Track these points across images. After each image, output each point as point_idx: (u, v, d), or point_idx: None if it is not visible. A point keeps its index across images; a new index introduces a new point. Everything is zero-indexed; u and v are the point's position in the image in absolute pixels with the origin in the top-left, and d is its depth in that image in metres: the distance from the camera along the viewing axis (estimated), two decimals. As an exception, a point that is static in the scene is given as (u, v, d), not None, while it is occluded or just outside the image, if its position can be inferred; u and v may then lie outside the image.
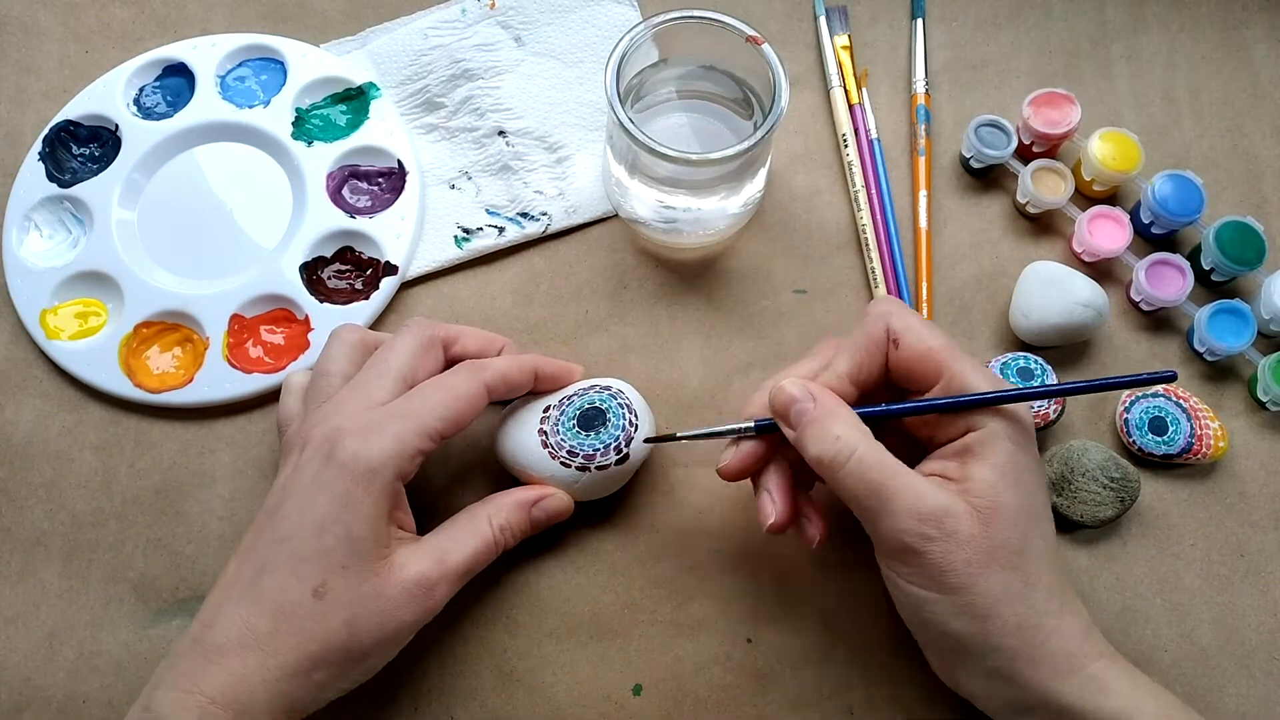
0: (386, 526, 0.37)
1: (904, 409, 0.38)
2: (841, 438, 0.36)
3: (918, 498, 0.35)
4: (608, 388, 0.44)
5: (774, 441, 0.39)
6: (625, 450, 0.42)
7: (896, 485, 0.35)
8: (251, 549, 0.37)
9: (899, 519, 0.35)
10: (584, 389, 0.44)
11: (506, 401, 0.45)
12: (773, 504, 0.39)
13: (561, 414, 0.43)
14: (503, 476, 0.45)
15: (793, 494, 0.39)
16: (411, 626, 0.38)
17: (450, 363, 0.43)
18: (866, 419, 0.38)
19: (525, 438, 0.43)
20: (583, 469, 0.42)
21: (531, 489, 0.42)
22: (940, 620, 0.35)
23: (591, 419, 0.43)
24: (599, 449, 0.42)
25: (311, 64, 0.53)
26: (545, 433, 0.42)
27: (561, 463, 0.42)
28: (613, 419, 0.43)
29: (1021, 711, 0.36)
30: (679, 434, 0.41)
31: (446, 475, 0.46)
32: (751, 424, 0.39)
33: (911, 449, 0.39)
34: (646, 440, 0.42)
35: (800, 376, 0.39)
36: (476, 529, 0.40)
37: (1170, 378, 0.37)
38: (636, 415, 0.43)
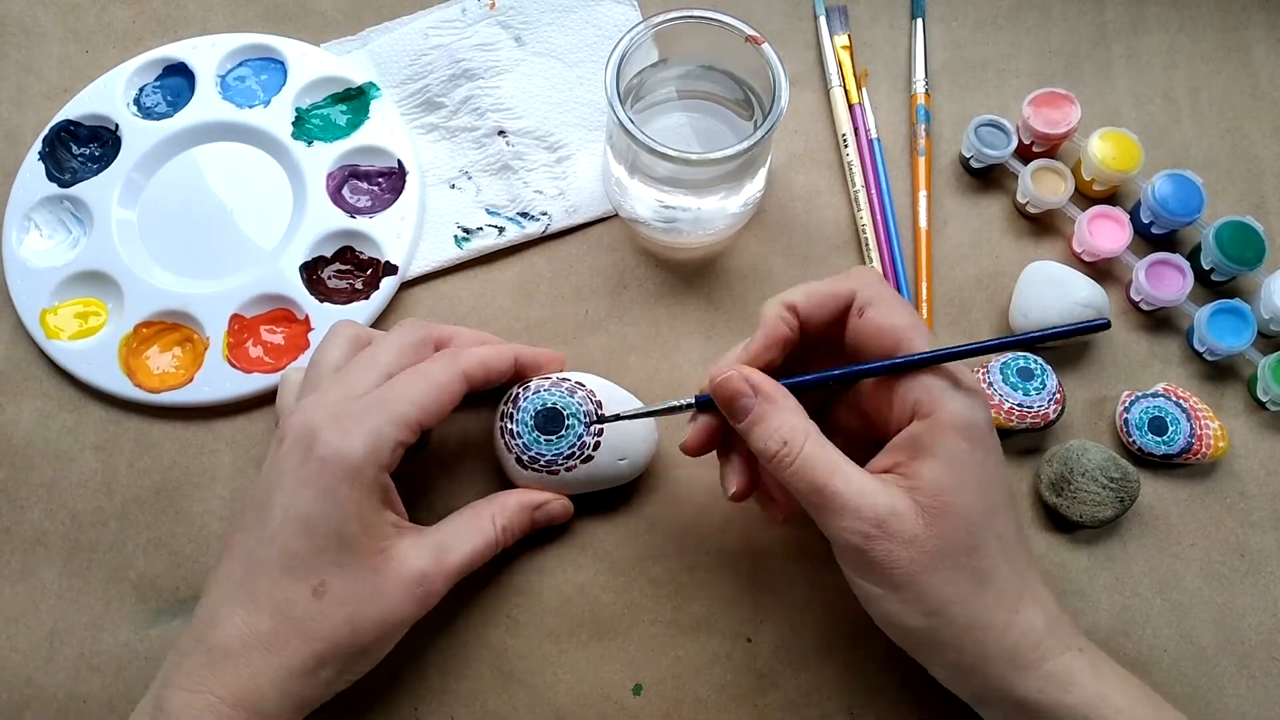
0: (379, 519, 0.37)
1: (833, 375, 0.37)
2: (788, 441, 0.35)
3: (860, 496, 0.34)
4: (565, 380, 0.44)
5: None
6: (589, 453, 0.42)
7: (838, 484, 0.35)
8: (241, 545, 0.37)
9: (842, 518, 0.34)
10: (543, 385, 0.43)
11: (500, 394, 0.44)
12: (734, 474, 0.39)
13: (520, 414, 0.43)
14: (493, 468, 0.45)
15: (754, 465, 0.39)
16: (410, 619, 0.38)
17: None
18: (803, 387, 0.37)
19: (498, 440, 0.43)
20: (552, 473, 0.42)
21: (535, 493, 0.43)
22: (893, 615, 0.35)
23: (549, 420, 0.42)
24: (560, 454, 0.42)
25: (311, 64, 0.53)
26: (506, 435, 0.43)
27: (526, 467, 0.42)
28: (570, 421, 0.42)
29: (986, 704, 0.36)
30: (622, 414, 0.41)
31: (443, 461, 0.46)
32: (692, 400, 0.39)
33: (869, 440, 0.38)
34: (594, 422, 0.42)
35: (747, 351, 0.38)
36: (480, 527, 0.41)
37: (1105, 325, 0.36)
38: (599, 408, 0.43)
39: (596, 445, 0.42)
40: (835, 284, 0.38)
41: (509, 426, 0.43)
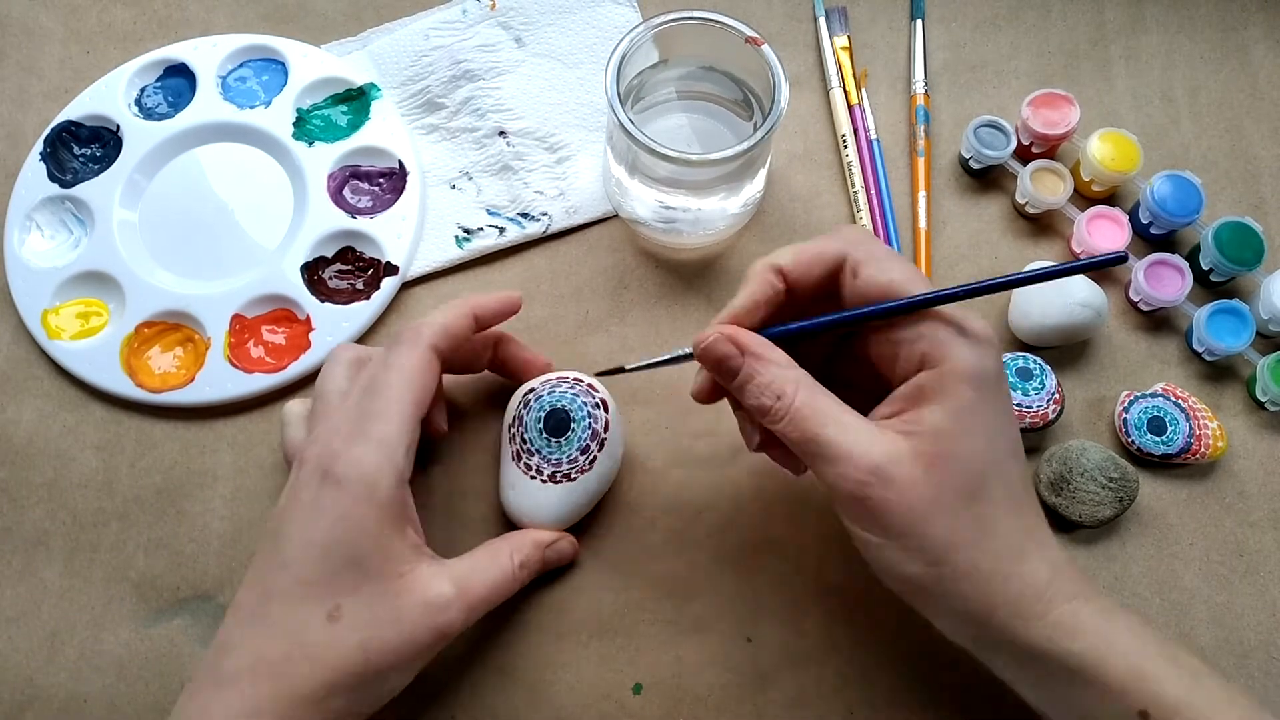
0: (398, 542, 0.37)
1: (820, 323, 0.36)
2: (782, 395, 0.35)
3: (855, 444, 0.34)
4: (575, 382, 0.44)
5: None
6: (602, 441, 0.43)
7: (830, 434, 0.34)
8: (256, 575, 0.36)
9: (837, 466, 0.34)
10: (524, 401, 0.44)
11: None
12: (751, 427, 0.38)
13: (529, 440, 0.43)
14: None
15: None
16: (428, 649, 0.37)
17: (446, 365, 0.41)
18: (790, 336, 0.36)
19: (522, 486, 0.43)
20: (583, 471, 0.42)
21: (548, 533, 0.43)
22: (894, 564, 0.35)
23: (558, 423, 0.43)
24: (571, 454, 0.42)
25: (312, 64, 0.53)
26: (537, 468, 0.43)
27: (553, 479, 0.42)
28: (578, 418, 0.43)
29: (989, 651, 0.36)
30: (626, 366, 0.41)
31: (448, 494, 0.46)
32: (690, 349, 0.38)
33: (875, 393, 0.37)
34: (597, 374, 0.43)
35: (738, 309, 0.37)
36: (499, 563, 0.40)
37: (1122, 259, 0.35)
38: (607, 409, 0.43)
39: (602, 445, 0.43)
40: (823, 245, 0.37)
41: (523, 447, 0.43)
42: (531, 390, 0.44)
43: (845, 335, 0.39)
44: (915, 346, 0.35)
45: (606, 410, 0.43)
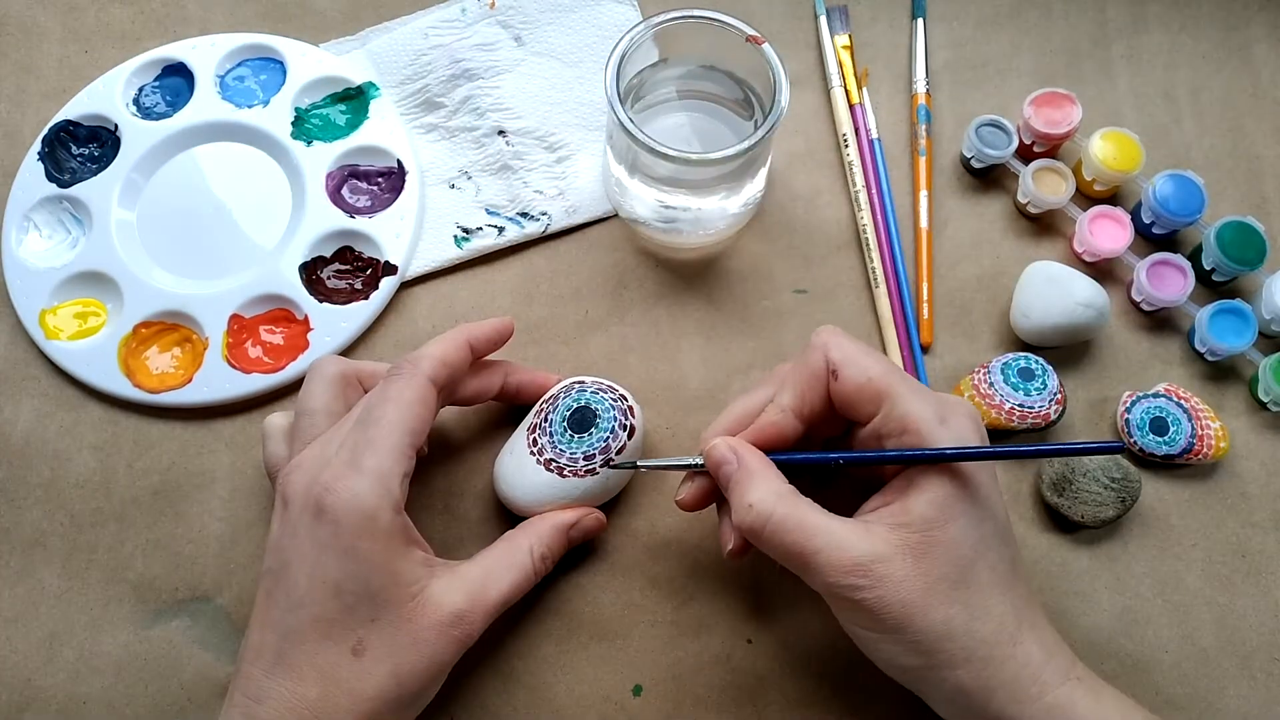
0: (406, 564, 0.37)
1: (829, 457, 0.38)
2: (754, 505, 0.36)
3: (840, 550, 0.34)
4: (598, 386, 0.44)
5: None
6: (608, 460, 0.42)
7: (815, 544, 0.35)
8: (268, 616, 0.36)
9: (824, 574, 0.35)
10: (565, 389, 0.44)
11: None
12: (731, 532, 0.39)
13: (550, 422, 0.43)
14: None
15: None
16: (453, 659, 0.38)
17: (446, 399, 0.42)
18: (794, 466, 0.38)
19: (524, 466, 0.43)
20: (590, 472, 0.42)
21: (570, 511, 0.42)
22: (890, 657, 0.36)
23: (582, 419, 0.43)
24: (597, 450, 0.42)
25: (311, 63, 0.53)
26: (541, 449, 0.42)
27: (561, 473, 0.42)
28: (603, 415, 0.43)
29: None
30: (639, 462, 0.42)
31: (447, 492, 0.46)
32: (701, 461, 0.39)
33: (868, 478, 0.39)
34: (611, 466, 0.42)
35: (747, 411, 0.39)
36: (517, 560, 0.40)
37: (1118, 449, 0.36)
38: (632, 410, 0.43)
39: (622, 449, 0.42)
40: (812, 364, 0.38)
41: (541, 425, 0.43)
42: (580, 382, 0.44)
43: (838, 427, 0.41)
44: (903, 439, 0.36)
45: (630, 437, 0.43)
